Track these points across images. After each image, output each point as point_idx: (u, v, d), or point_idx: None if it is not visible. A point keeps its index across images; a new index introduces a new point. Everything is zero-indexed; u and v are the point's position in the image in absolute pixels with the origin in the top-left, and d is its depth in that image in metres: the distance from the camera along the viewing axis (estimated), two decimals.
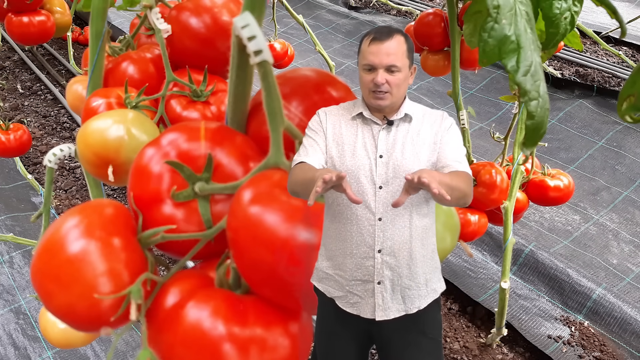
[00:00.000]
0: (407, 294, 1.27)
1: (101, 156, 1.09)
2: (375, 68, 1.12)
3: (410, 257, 1.23)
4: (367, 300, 1.27)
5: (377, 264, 1.22)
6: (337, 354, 1.47)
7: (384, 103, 1.13)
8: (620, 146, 4.24)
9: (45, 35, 2.37)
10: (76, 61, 5.11)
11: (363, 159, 1.15)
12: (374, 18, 6.49)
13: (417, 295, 1.28)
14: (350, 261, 1.23)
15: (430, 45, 2.23)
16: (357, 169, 1.15)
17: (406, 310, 1.29)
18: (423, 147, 1.15)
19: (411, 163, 1.14)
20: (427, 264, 1.27)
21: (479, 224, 2.29)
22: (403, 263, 1.23)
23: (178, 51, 1.31)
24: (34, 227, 3.49)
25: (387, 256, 1.21)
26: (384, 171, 1.15)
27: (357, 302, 1.28)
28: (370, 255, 1.21)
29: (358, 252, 1.21)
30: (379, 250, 1.20)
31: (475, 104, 4.78)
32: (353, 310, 1.30)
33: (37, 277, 0.78)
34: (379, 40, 1.13)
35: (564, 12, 0.92)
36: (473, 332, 3.04)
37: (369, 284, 1.24)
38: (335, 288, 1.29)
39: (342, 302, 1.30)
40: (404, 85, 1.15)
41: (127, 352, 2.73)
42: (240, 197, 0.75)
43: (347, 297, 1.29)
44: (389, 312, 1.28)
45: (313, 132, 1.10)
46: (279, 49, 3.71)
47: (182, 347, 0.70)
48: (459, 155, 1.15)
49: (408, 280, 1.25)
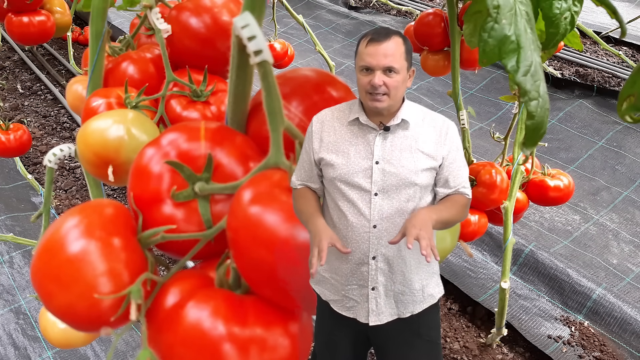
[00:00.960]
0: (400, 299, 1.26)
1: (101, 156, 1.09)
2: (372, 70, 1.11)
3: (405, 264, 1.22)
4: (362, 304, 1.26)
5: (372, 270, 1.21)
6: (336, 354, 1.47)
7: (382, 105, 1.11)
8: (620, 146, 4.24)
9: (45, 35, 2.37)
10: (76, 61, 5.11)
11: (358, 165, 1.13)
12: (374, 18, 6.49)
13: (412, 301, 1.27)
14: (346, 266, 1.22)
15: (430, 45, 2.23)
16: (353, 175, 1.13)
17: (399, 314, 1.28)
18: (421, 155, 1.12)
19: (407, 170, 1.12)
20: (423, 270, 1.26)
21: (479, 224, 2.29)
22: (397, 270, 1.22)
23: (178, 51, 1.31)
24: (34, 227, 3.49)
25: (381, 263, 1.20)
26: (379, 178, 1.13)
27: (353, 306, 1.28)
28: (365, 262, 1.20)
29: (353, 258, 1.20)
30: (373, 257, 1.19)
31: (475, 104, 4.78)
32: (349, 313, 1.29)
33: (37, 277, 0.78)
34: (376, 42, 1.11)
35: (564, 12, 0.92)
36: (473, 332, 3.04)
37: (364, 289, 1.24)
38: (331, 291, 1.28)
39: (337, 305, 1.30)
40: (402, 87, 1.13)
41: (127, 352, 2.73)
42: (240, 197, 0.75)
43: (342, 301, 1.28)
44: (382, 316, 1.27)
45: (304, 150, 1.11)
46: (279, 49, 3.71)
47: (182, 347, 0.70)
48: (462, 180, 1.15)
49: (402, 286, 1.24)
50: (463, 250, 3.18)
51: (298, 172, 1.09)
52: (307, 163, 1.11)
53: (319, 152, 1.11)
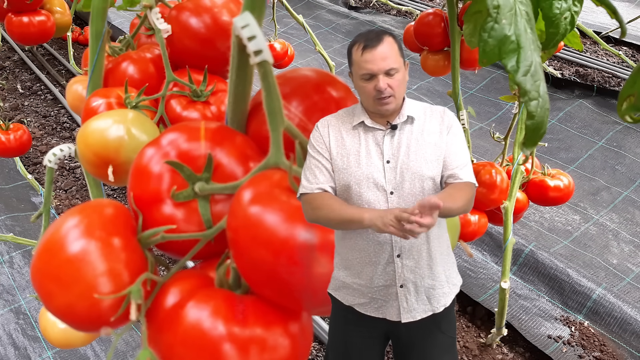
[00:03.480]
0: (432, 294, 1.27)
1: (101, 156, 1.09)
2: (374, 75, 1.11)
3: (430, 257, 1.22)
4: (391, 303, 1.26)
5: (398, 269, 1.21)
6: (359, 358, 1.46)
7: (391, 107, 1.12)
8: (620, 146, 4.24)
9: (45, 35, 2.37)
10: (76, 61, 5.11)
11: (370, 166, 1.13)
12: (374, 18, 6.49)
13: (442, 294, 1.28)
14: (371, 269, 1.22)
15: (430, 45, 2.23)
16: (366, 177, 1.13)
17: (433, 310, 1.29)
18: (429, 147, 1.14)
19: (419, 164, 1.13)
20: (445, 260, 1.27)
21: (479, 224, 2.29)
22: (423, 264, 1.22)
23: (178, 51, 1.31)
24: (34, 227, 3.49)
25: (406, 259, 1.21)
26: (392, 176, 1.13)
27: (381, 305, 1.28)
28: (390, 261, 1.21)
29: (377, 259, 1.21)
30: (397, 255, 1.20)
31: (475, 104, 4.78)
32: (378, 314, 1.29)
33: (37, 277, 0.78)
34: (371, 47, 1.11)
35: (564, 12, 0.92)
36: (473, 332, 3.04)
37: (392, 288, 1.24)
38: (355, 296, 1.28)
39: (365, 307, 1.29)
40: (404, 83, 1.15)
41: (127, 352, 2.73)
42: (240, 197, 0.75)
43: (370, 303, 1.28)
44: (414, 313, 1.27)
45: (316, 152, 1.09)
46: (279, 49, 3.71)
47: (182, 347, 0.70)
48: (462, 161, 1.15)
49: (431, 280, 1.25)
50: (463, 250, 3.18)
51: (314, 176, 1.07)
52: (323, 166, 1.10)
53: (329, 156, 1.11)
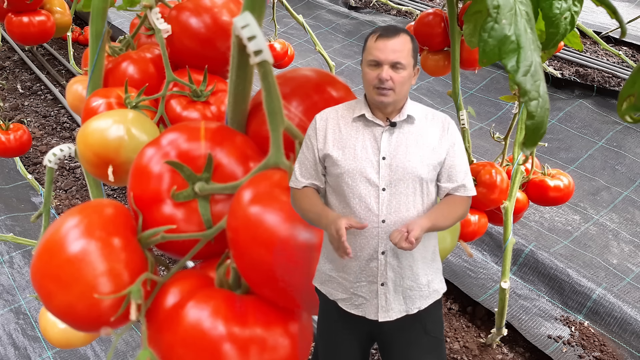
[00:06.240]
0: (408, 295, 1.27)
1: (101, 156, 1.09)
2: (380, 64, 1.12)
3: (413, 259, 1.23)
4: (371, 301, 1.27)
5: (381, 266, 1.22)
6: (340, 355, 1.47)
7: (387, 100, 1.12)
8: (620, 146, 4.24)
9: (45, 35, 2.37)
10: (76, 61, 5.12)
11: (365, 161, 1.14)
12: (374, 18, 6.49)
13: (419, 296, 1.28)
14: (355, 263, 1.23)
15: (430, 45, 2.23)
16: (360, 171, 1.14)
17: (407, 310, 1.29)
18: (427, 150, 1.15)
19: (414, 164, 1.14)
20: (429, 266, 1.27)
21: (479, 224, 2.29)
22: (405, 264, 1.23)
23: (178, 51, 1.31)
24: (34, 227, 3.49)
25: (390, 258, 1.21)
26: (387, 173, 1.14)
27: (362, 303, 1.28)
28: (374, 257, 1.21)
29: (362, 254, 1.21)
30: (382, 252, 1.20)
31: (475, 104, 4.78)
32: (358, 311, 1.29)
33: (37, 277, 0.78)
34: (385, 37, 1.13)
35: (564, 12, 0.92)
36: (473, 332, 3.04)
37: (373, 285, 1.24)
38: (338, 290, 1.28)
39: (346, 304, 1.30)
40: (407, 84, 1.15)
41: (127, 352, 2.73)
42: (240, 197, 0.75)
43: (351, 299, 1.29)
44: (391, 313, 1.28)
45: (306, 146, 1.11)
46: (279, 49, 3.71)
47: (182, 347, 0.70)
48: (464, 174, 1.17)
49: (410, 281, 1.25)
50: (463, 250, 3.19)
51: (302, 171, 1.10)
52: (311, 161, 1.11)
53: (323, 149, 1.12)
